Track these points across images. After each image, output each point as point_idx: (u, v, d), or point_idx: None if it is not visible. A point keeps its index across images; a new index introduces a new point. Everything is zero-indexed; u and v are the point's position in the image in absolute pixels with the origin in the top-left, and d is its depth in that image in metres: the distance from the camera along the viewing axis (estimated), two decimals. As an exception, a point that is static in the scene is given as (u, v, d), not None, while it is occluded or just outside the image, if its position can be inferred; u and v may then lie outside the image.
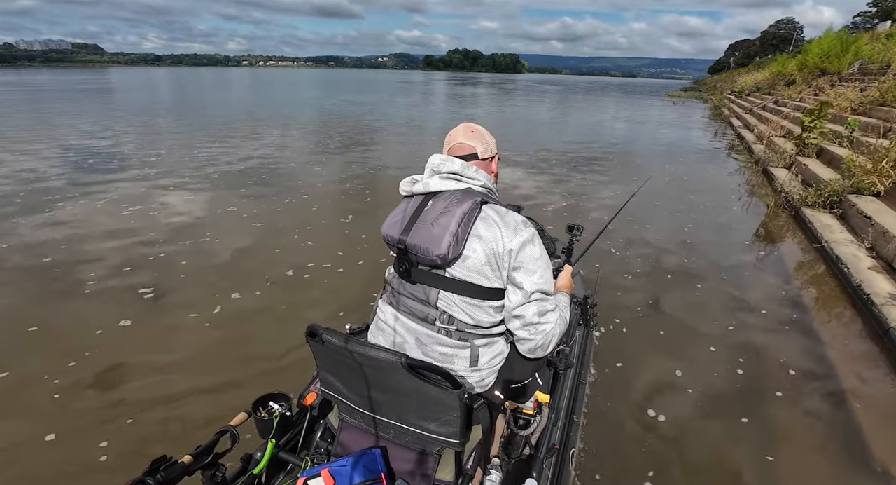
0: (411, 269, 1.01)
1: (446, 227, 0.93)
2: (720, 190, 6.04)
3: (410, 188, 1.05)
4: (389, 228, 1.03)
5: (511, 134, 10.72)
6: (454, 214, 0.94)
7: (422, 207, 1.01)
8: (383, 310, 1.09)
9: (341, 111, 15.17)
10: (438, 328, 1.00)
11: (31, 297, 2.85)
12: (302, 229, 4.09)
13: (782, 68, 17.97)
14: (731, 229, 4.51)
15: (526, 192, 5.67)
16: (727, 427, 1.94)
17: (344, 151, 7.92)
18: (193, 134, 9.49)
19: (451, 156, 1.06)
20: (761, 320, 2.80)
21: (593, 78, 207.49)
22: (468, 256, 0.96)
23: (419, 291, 1.01)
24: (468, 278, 0.97)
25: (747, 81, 22.23)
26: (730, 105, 18.80)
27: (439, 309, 1.00)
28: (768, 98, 14.75)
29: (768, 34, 54.52)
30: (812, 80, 13.37)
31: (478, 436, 1.00)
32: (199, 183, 5.62)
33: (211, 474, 0.97)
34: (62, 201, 4.77)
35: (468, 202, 0.96)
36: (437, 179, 1.02)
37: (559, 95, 30.19)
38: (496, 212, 0.99)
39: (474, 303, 0.99)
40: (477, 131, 1.10)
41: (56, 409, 1.93)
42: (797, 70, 15.37)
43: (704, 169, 7.47)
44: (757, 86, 19.37)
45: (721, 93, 26.78)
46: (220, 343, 2.41)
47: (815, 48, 13.95)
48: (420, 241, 0.95)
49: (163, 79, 39.47)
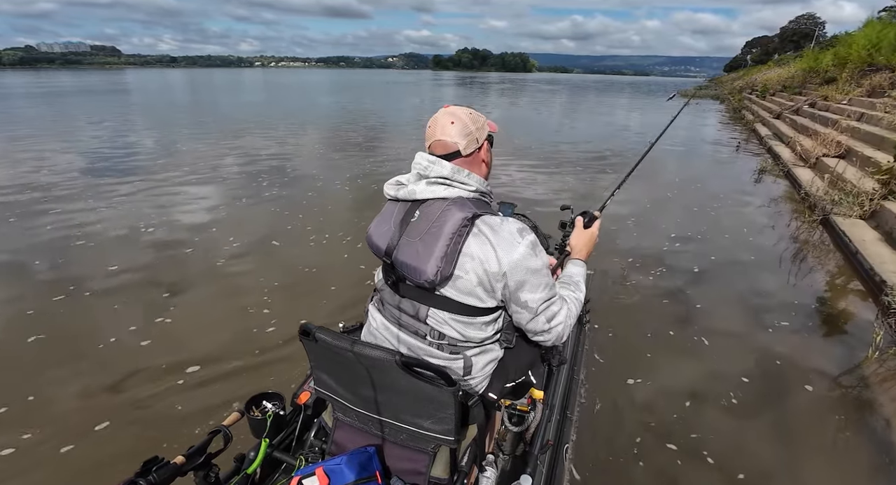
0: (399, 283, 0.96)
1: (433, 248, 0.86)
2: (760, 270, 3.39)
3: (395, 193, 0.97)
4: (375, 237, 0.96)
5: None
6: (443, 234, 0.87)
7: (408, 216, 0.93)
8: (374, 317, 1.05)
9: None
10: (430, 342, 0.96)
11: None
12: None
13: (815, 64, 15.46)
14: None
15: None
16: (731, 427, 1.87)
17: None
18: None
19: (434, 155, 0.95)
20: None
21: (603, 77, 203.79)
22: (459, 277, 0.89)
23: (408, 306, 0.96)
24: (459, 299, 0.91)
25: (770, 79, 20.04)
26: (752, 107, 16.23)
27: (429, 325, 0.95)
28: (800, 99, 12.14)
29: (788, 30, 53.18)
30: (860, 78, 10.54)
31: (473, 433, 0.98)
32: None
33: (204, 475, 0.96)
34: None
35: (458, 218, 0.87)
36: (424, 184, 0.93)
37: (547, 95, 28.81)
38: (489, 226, 0.90)
39: (465, 321, 0.94)
40: (458, 120, 0.95)
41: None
42: (834, 66, 13.00)
43: (728, 219, 4.51)
44: (784, 84, 16.76)
45: (739, 92, 24.54)
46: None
47: (861, 39, 11.46)
48: (407, 258, 0.89)
49: (186, 83, 39.43)
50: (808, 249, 3.90)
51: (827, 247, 3.87)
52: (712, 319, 2.74)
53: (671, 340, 2.53)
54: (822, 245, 3.93)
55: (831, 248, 3.83)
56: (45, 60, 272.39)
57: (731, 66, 72.62)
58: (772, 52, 52.87)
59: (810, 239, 4.11)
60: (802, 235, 4.18)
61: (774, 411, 2.01)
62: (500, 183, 5.80)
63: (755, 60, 55.45)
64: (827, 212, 4.30)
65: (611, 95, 30.85)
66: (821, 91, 11.50)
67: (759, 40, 67.50)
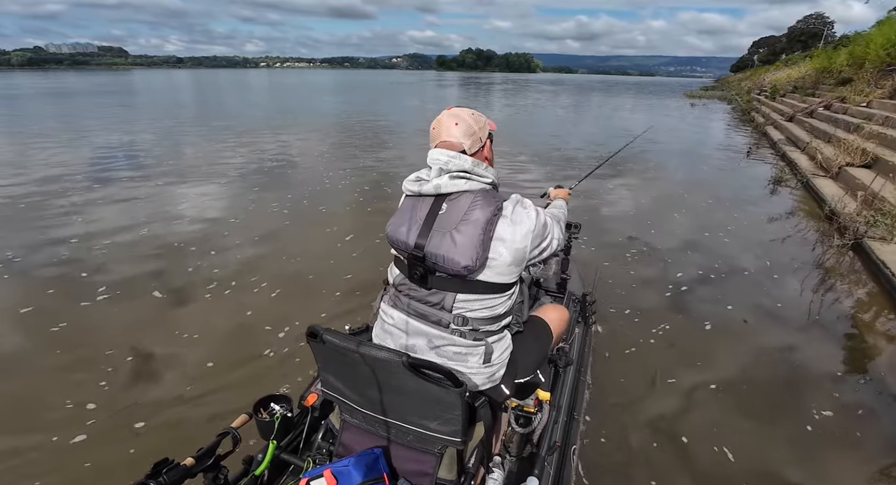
0: (428, 275, 0.97)
1: (470, 237, 0.91)
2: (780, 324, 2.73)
3: (418, 188, 0.99)
4: (399, 233, 0.98)
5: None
6: (478, 223, 0.92)
7: (435, 210, 0.96)
8: (390, 313, 1.06)
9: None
10: (452, 330, 0.98)
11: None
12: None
13: (828, 63, 14.78)
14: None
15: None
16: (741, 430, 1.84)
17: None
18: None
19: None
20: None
21: (607, 77, 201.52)
22: (493, 259, 0.95)
23: (433, 296, 0.98)
24: (489, 279, 0.96)
25: (780, 80, 19.49)
26: (762, 109, 15.36)
27: (454, 313, 0.97)
28: (814, 101, 11.35)
29: (796, 30, 52.68)
30: (880, 79, 9.94)
31: (479, 434, 0.99)
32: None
33: (213, 477, 0.97)
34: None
35: (490, 207, 0.94)
36: (447, 178, 0.96)
37: (546, 95, 28.80)
38: (507, 210, 0.99)
39: (491, 298, 0.99)
40: (462, 121, 1.02)
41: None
42: (849, 65, 12.43)
43: (746, 248, 3.84)
44: (794, 85, 16.19)
45: (747, 93, 23.96)
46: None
47: (878, 37, 10.87)
48: (442, 250, 0.92)
49: (194, 84, 39.29)
50: (841, 281, 3.22)
51: (860, 281, 3.23)
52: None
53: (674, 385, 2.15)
54: (858, 281, 3.24)
55: (864, 278, 3.26)
56: (54, 61, 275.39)
57: (738, 66, 72.06)
58: (779, 52, 52.39)
59: (840, 268, 3.44)
60: (830, 262, 3.54)
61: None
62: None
63: (762, 61, 54.97)
64: (860, 235, 3.68)
65: (613, 96, 30.61)
66: (836, 92, 10.81)
67: (766, 40, 66.95)
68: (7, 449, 1.72)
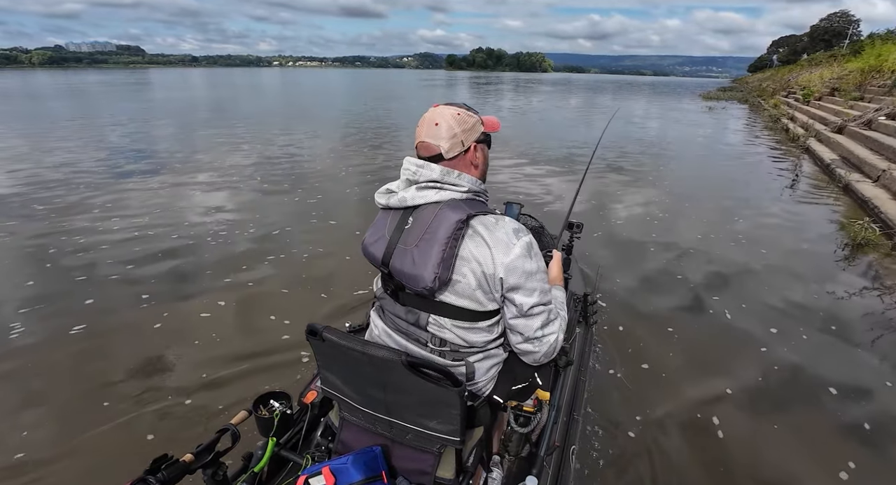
0: (399, 292, 0.95)
1: (429, 254, 0.84)
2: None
3: (386, 201, 0.94)
4: (371, 248, 0.95)
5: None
6: (438, 240, 0.85)
7: (402, 224, 0.91)
8: (376, 324, 1.05)
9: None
10: (431, 350, 0.95)
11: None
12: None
13: (876, 61, 12.54)
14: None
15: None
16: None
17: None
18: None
19: (421, 157, 0.93)
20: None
21: (620, 77, 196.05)
22: (458, 282, 0.88)
23: (409, 314, 0.96)
24: (459, 304, 0.89)
25: (812, 80, 16.93)
26: (796, 115, 12.55)
27: (430, 332, 0.94)
28: (869, 108, 8.90)
29: (819, 29, 51.16)
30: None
31: (479, 434, 0.98)
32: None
33: (212, 473, 0.97)
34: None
35: (452, 221, 0.85)
36: (415, 190, 0.90)
37: (545, 95, 27.34)
38: (485, 226, 0.89)
39: (466, 326, 0.93)
40: (444, 121, 0.90)
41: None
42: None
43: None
44: (832, 87, 14.02)
45: (772, 95, 21.32)
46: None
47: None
48: (404, 267, 0.88)
49: (211, 83, 38.04)
50: None
51: None
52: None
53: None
54: None
55: None
56: (74, 60, 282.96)
57: (756, 66, 70.72)
58: (800, 51, 51.14)
59: None
60: None
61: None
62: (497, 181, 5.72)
63: (782, 60, 53.77)
64: None
65: (620, 98, 29.61)
66: (894, 97, 8.74)
67: (786, 39, 65.50)
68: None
